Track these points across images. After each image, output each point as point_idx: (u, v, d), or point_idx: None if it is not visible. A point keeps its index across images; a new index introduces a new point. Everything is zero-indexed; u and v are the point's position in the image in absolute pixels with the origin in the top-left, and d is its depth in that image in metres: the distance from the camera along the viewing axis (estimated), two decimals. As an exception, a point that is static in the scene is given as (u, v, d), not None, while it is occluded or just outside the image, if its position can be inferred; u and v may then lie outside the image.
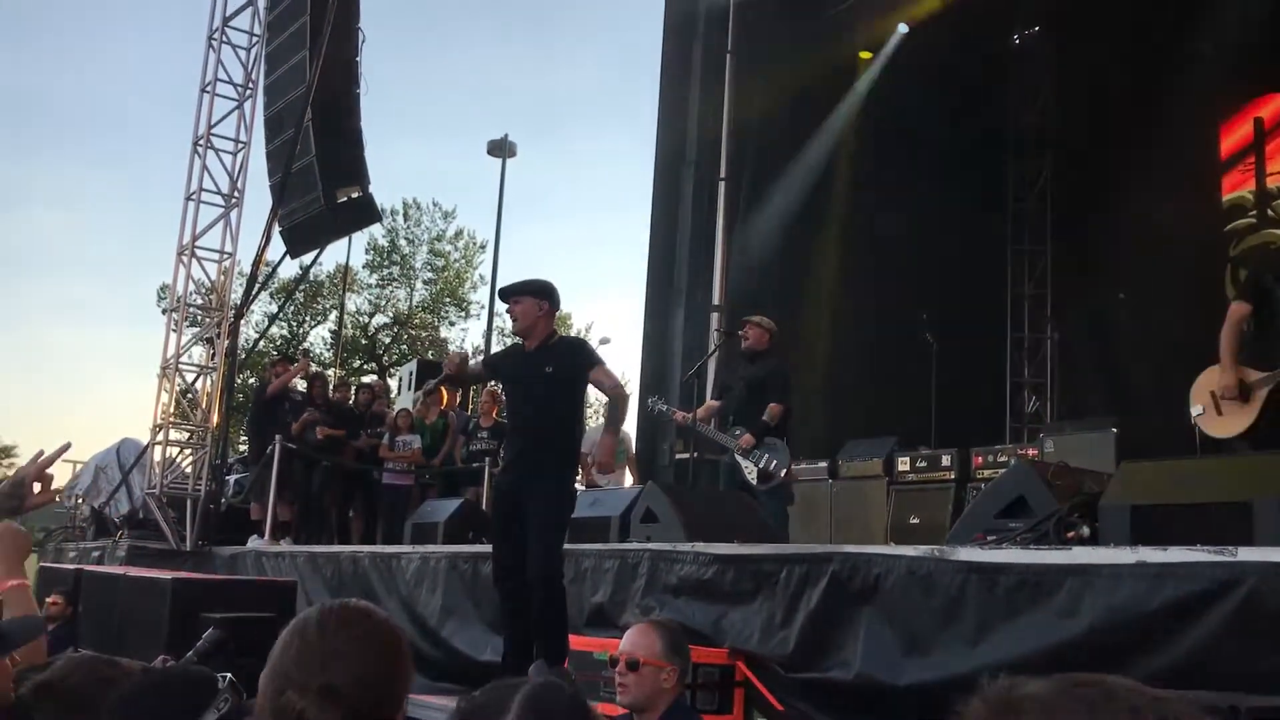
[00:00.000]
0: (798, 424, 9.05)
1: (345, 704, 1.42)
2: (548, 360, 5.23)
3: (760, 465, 7.35)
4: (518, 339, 5.51)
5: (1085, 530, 4.35)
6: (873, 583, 4.38)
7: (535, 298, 5.28)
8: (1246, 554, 3.35)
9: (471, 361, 5.92)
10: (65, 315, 50.58)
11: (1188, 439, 10.09)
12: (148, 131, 48.83)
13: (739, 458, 7.47)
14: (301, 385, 11.80)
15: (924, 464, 9.15)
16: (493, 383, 9.72)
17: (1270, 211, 11.71)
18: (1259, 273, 5.49)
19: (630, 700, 3.38)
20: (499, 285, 5.80)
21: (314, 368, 14.01)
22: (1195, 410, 5.32)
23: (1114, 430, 8.47)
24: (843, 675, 4.37)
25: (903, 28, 12.48)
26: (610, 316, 58.35)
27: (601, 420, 11.89)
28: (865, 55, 12.45)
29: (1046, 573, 3.78)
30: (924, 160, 12.20)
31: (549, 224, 53.37)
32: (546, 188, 53.21)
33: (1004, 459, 8.71)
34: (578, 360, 5.31)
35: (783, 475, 7.42)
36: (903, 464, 9.29)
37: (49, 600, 7.75)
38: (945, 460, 9.03)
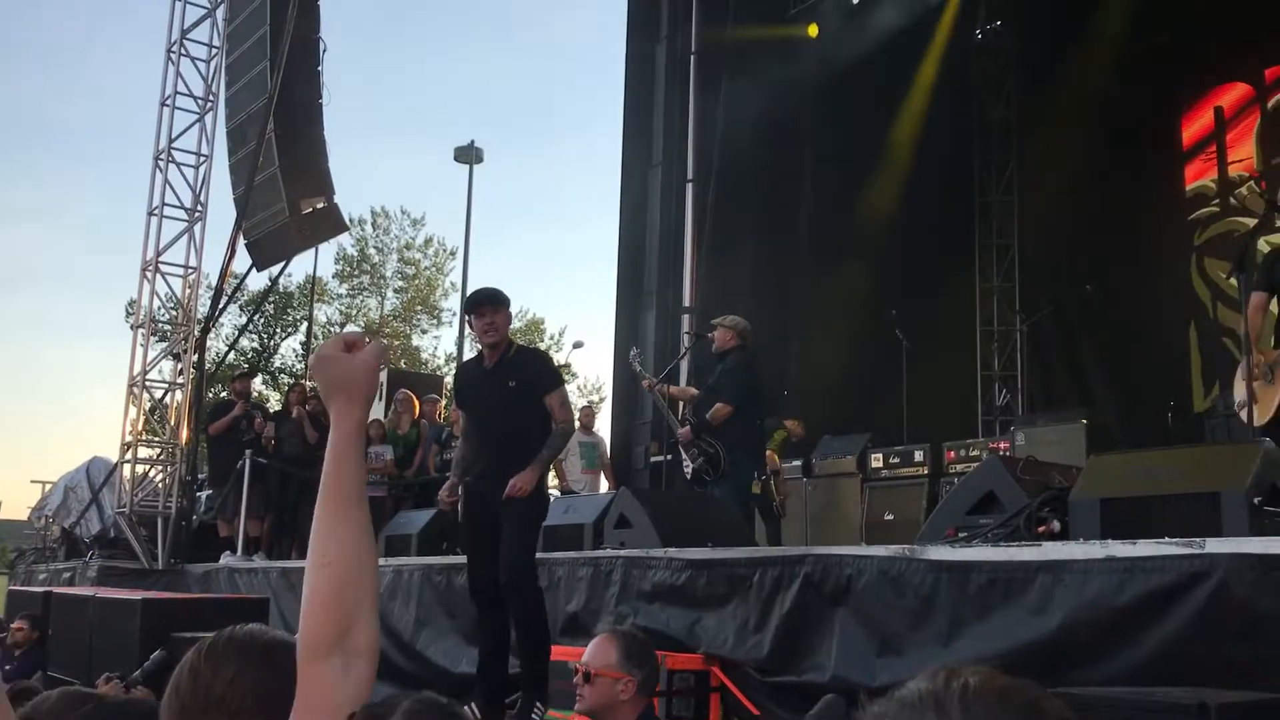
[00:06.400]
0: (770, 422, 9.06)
1: (226, 708, 1.53)
2: (510, 375, 5.18)
3: (695, 464, 7.35)
4: (474, 353, 5.44)
5: (1056, 525, 4.35)
6: (845, 584, 4.36)
7: (507, 308, 5.25)
8: (1215, 545, 3.34)
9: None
10: (46, 332, 50.02)
11: (1157, 427, 10.23)
12: (117, 144, 48.39)
13: (681, 450, 7.48)
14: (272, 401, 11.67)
15: (897, 460, 9.15)
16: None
17: (1233, 199, 11.81)
18: (1270, 262, 5.49)
19: (585, 708, 3.42)
20: (471, 292, 5.68)
21: (255, 395, 13.79)
22: (1236, 401, 5.26)
23: (1084, 421, 8.51)
24: (818, 678, 4.36)
25: None
26: (583, 320, 58.19)
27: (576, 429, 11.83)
28: (812, 30, 12.37)
29: (1017, 569, 3.77)
30: (890, 155, 12.24)
31: (519, 229, 53.27)
32: (515, 193, 53.08)
33: (976, 453, 8.73)
34: (539, 381, 5.24)
35: (708, 479, 7.36)
36: (876, 460, 9.29)
37: (13, 626, 7.63)
38: (918, 455, 9.04)
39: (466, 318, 5.42)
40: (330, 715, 1.38)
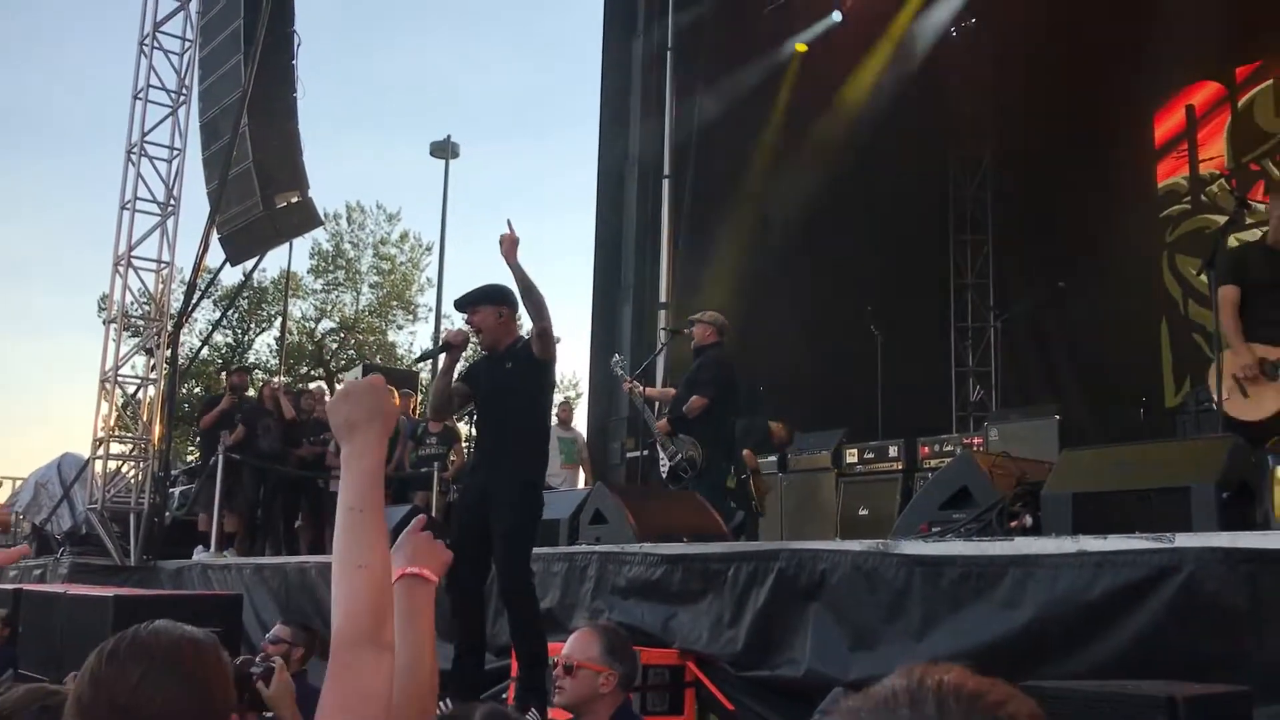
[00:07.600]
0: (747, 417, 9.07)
1: (132, 717, 1.51)
2: (509, 358, 5.17)
3: (673, 461, 7.35)
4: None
5: (1028, 520, 4.39)
6: (819, 579, 4.38)
7: (492, 305, 5.18)
8: (1184, 540, 3.38)
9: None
10: (15, 327, 49.30)
11: (1129, 423, 10.31)
12: (89, 137, 47.84)
13: (658, 447, 7.48)
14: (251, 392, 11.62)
15: (871, 455, 9.19)
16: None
17: (1204, 197, 11.92)
18: (1239, 257, 5.36)
19: (565, 701, 3.42)
20: (447, 289, 5.67)
21: (251, 390, 13.78)
22: (1221, 394, 5.03)
23: (1057, 417, 8.57)
24: (792, 672, 4.37)
25: (836, 15, 12.55)
26: (559, 315, 57.92)
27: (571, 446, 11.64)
28: (801, 48, 12.43)
29: (989, 564, 3.80)
30: (864, 153, 12.27)
31: (496, 224, 53.02)
32: (492, 189, 52.85)
33: (950, 448, 8.77)
34: (526, 349, 5.16)
35: (684, 476, 7.35)
36: (851, 455, 9.32)
37: (-12, 622, 7.55)
38: (892, 451, 9.07)
39: None
40: (366, 700, 1.45)
